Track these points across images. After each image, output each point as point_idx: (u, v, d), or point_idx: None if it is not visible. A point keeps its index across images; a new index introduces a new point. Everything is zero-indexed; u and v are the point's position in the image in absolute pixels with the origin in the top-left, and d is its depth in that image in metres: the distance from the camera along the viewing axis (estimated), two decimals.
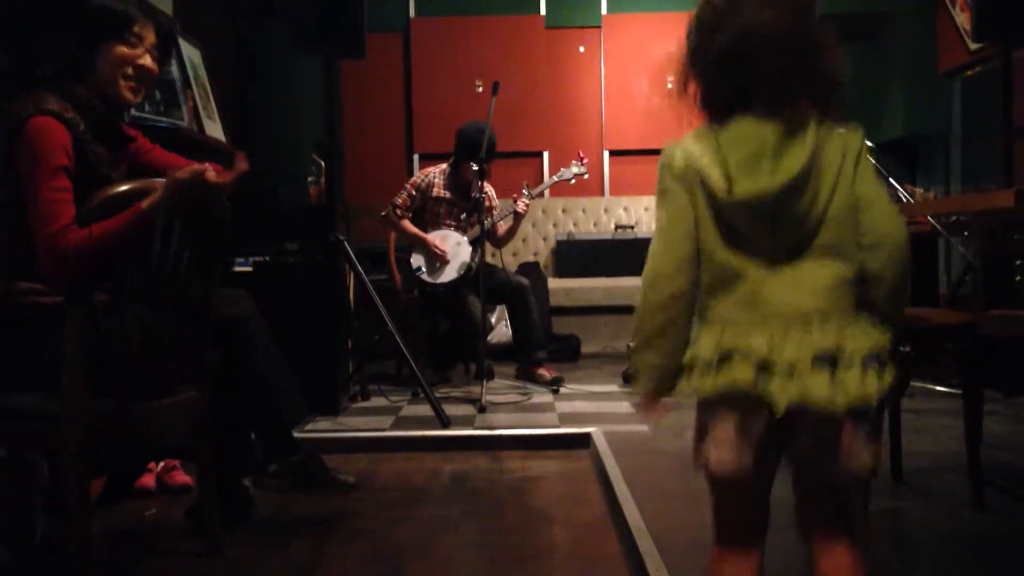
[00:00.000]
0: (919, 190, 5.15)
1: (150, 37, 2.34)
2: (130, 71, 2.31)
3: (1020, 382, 4.00)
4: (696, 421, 1.42)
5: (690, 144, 1.40)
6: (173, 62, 4.55)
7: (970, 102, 6.54)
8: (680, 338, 1.38)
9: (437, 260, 5.07)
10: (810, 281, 1.33)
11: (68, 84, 2.24)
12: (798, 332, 1.29)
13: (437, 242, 5.07)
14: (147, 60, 2.34)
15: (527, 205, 5.14)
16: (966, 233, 4.78)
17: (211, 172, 2.17)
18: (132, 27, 2.29)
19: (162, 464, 3.00)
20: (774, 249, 1.34)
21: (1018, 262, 4.58)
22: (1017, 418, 3.79)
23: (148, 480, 2.96)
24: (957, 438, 2.72)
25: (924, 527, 2.47)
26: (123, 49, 2.29)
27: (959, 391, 2.75)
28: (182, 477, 2.98)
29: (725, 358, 1.31)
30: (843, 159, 1.34)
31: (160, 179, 2.14)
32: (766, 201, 1.32)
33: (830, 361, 1.27)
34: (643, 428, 3.76)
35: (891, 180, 4.51)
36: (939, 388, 4.36)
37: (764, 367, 1.28)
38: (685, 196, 1.39)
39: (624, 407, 4.29)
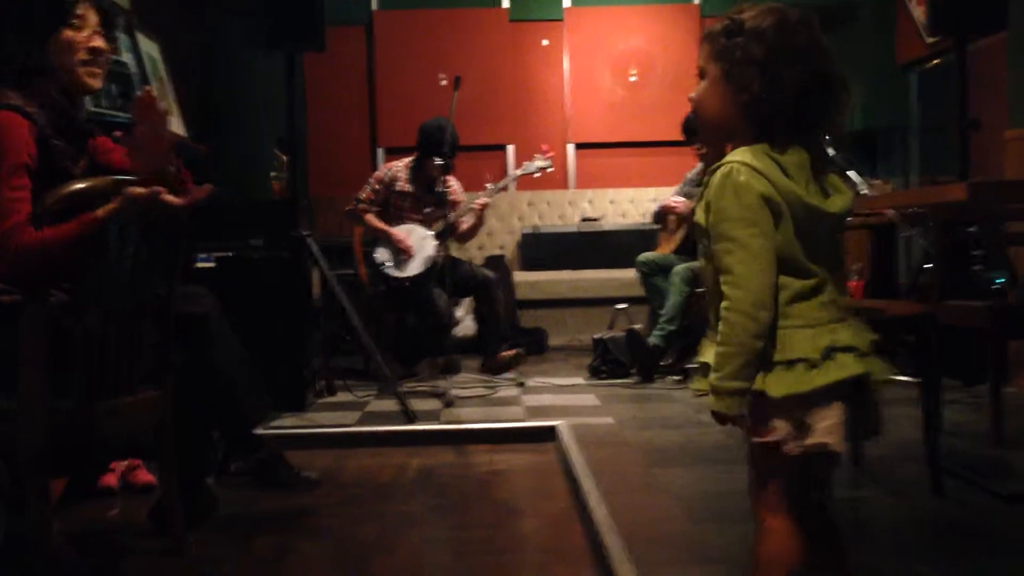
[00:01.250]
0: (878, 182, 5.21)
1: (92, 17, 2.30)
2: (84, 55, 2.28)
3: (979, 371, 4.07)
4: (782, 413, 1.46)
5: (756, 163, 1.45)
6: (131, 56, 4.49)
7: (927, 95, 6.63)
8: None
9: (403, 254, 5.06)
10: (841, 282, 1.51)
11: (26, 79, 2.22)
12: (855, 326, 1.48)
13: (402, 236, 5.06)
14: (98, 41, 2.31)
15: (484, 202, 5.12)
16: (931, 223, 4.84)
17: (167, 193, 2.14)
18: (74, 10, 2.26)
19: (125, 463, 2.97)
20: (830, 259, 1.49)
21: (976, 252, 4.65)
22: (976, 406, 3.85)
23: (111, 479, 2.93)
24: (916, 426, 2.76)
25: (883, 514, 2.51)
26: (71, 34, 2.26)
27: (919, 380, 2.80)
28: (145, 476, 2.96)
29: (828, 356, 1.43)
30: (847, 193, 1.53)
31: (120, 177, 2.12)
32: (842, 216, 1.49)
33: (876, 347, 1.49)
34: (608, 420, 3.78)
35: (853, 173, 4.56)
36: (899, 377, 4.42)
37: (860, 356, 1.45)
38: (770, 218, 1.44)
39: (590, 400, 4.31)
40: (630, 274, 5.44)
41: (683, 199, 5.20)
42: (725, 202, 1.44)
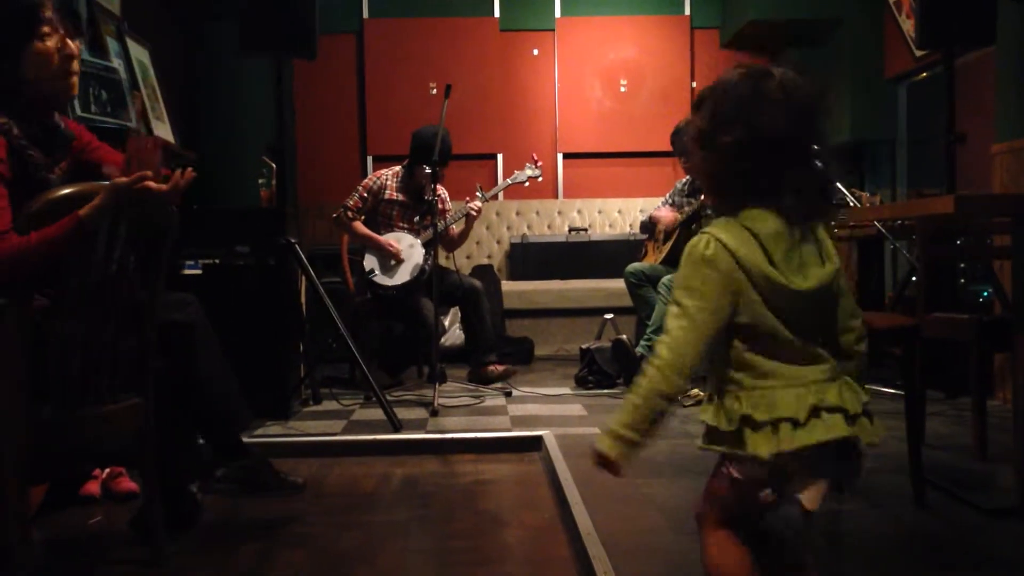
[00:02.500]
0: (865, 194, 5.23)
1: (56, 20, 2.28)
2: (59, 62, 2.27)
3: (963, 383, 4.09)
4: (763, 471, 1.48)
5: (727, 239, 1.46)
6: (120, 62, 4.48)
7: (915, 107, 6.67)
8: (658, 423, 1.51)
9: (390, 261, 5.05)
10: (831, 350, 1.51)
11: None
12: (846, 388, 1.49)
13: (390, 242, 5.05)
14: (70, 46, 2.30)
15: (480, 207, 5.15)
16: (914, 236, 4.87)
17: (151, 181, 2.13)
18: (42, 15, 2.24)
19: (107, 471, 2.95)
20: (810, 328, 1.49)
21: (962, 265, 4.67)
22: (959, 419, 3.86)
23: (93, 487, 2.91)
24: (900, 439, 2.77)
25: (866, 527, 2.51)
26: (41, 45, 2.24)
27: (903, 392, 2.81)
28: (128, 484, 2.94)
29: (814, 414, 1.44)
30: (832, 261, 1.53)
31: (103, 183, 2.12)
32: (821, 290, 1.48)
33: (866, 410, 1.50)
34: (595, 431, 3.77)
35: (838, 185, 4.58)
36: (885, 390, 4.43)
37: (848, 418, 1.46)
38: (725, 295, 1.46)
39: (576, 410, 4.31)
40: (618, 284, 5.45)
41: (669, 210, 5.22)
42: (686, 270, 1.49)
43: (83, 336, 2.06)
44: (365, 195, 5.17)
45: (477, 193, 5.22)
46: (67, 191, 2.07)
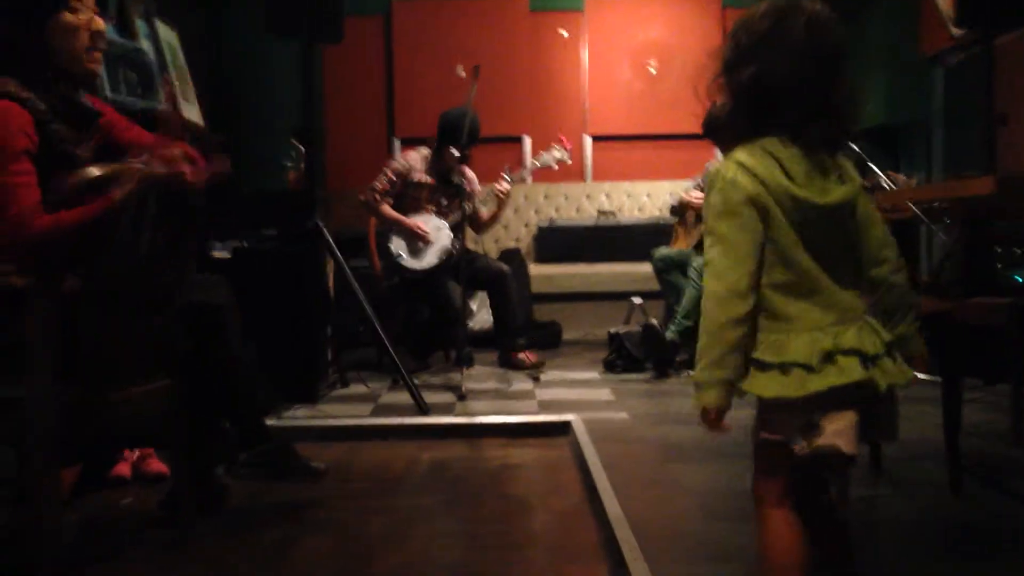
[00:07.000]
0: (901, 176, 5.14)
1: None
2: (87, 39, 2.26)
3: (1001, 370, 4.01)
4: (788, 413, 1.47)
5: (746, 159, 1.47)
6: (149, 43, 4.48)
7: (952, 88, 6.54)
8: (743, 352, 1.47)
9: (418, 244, 5.03)
10: (855, 285, 1.50)
11: (24, 66, 2.20)
12: (865, 329, 1.46)
13: (420, 223, 5.03)
14: (98, 23, 2.28)
15: (507, 189, 5.11)
16: (948, 220, 4.78)
17: (187, 169, 2.12)
18: None
19: (137, 452, 2.96)
20: (834, 255, 1.48)
21: (999, 250, 4.58)
22: (996, 406, 3.79)
23: (123, 468, 2.93)
24: (936, 426, 2.72)
25: (901, 514, 2.47)
26: (71, 17, 2.23)
27: (940, 379, 2.76)
28: (158, 465, 2.95)
29: (827, 359, 1.42)
30: (854, 181, 1.52)
31: (135, 163, 2.11)
32: (842, 207, 1.47)
33: (889, 350, 1.48)
34: (623, 416, 3.75)
35: (872, 166, 4.51)
36: (921, 376, 4.36)
37: (864, 361, 1.43)
38: (755, 213, 1.45)
39: (604, 394, 4.28)
40: (646, 268, 5.40)
41: (700, 192, 5.16)
42: (713, 198, 1.48)
43: (113, 318, 2.06)
44: (393, 178, 5.14)
45: (504, 175, 5.18)
46: (98, 173, 2.05)
